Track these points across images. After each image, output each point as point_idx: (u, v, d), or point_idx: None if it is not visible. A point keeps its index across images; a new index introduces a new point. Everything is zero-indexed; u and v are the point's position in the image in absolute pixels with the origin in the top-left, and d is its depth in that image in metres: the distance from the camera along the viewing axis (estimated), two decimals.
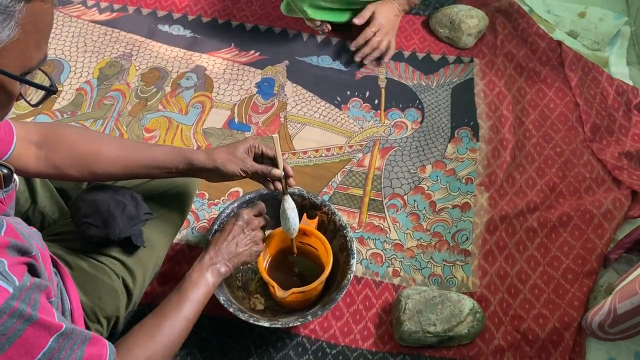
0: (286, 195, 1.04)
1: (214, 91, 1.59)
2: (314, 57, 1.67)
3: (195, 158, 0.96)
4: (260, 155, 1.01)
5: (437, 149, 1.48)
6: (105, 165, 0.91)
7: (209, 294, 0.93)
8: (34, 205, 0.99)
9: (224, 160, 0.96)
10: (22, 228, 0.62)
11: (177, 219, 1.08)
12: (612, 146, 1.46)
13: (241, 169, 0.98)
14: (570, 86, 1.58)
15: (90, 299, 0.90)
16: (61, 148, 0.88)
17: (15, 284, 0.56)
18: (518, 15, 1.73)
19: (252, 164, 0.99)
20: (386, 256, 1.29)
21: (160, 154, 0.95)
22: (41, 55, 0.57)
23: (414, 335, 1.12)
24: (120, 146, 0.94)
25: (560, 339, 1.17)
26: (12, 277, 0.56)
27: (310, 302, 1.13)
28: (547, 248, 1.30)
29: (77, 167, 0.90)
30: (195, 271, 0.94)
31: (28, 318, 0.56)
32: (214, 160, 0.96)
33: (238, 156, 0.98)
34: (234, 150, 0.98)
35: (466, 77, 1.62)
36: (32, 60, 0.56)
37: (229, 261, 0.98)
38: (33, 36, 0.54)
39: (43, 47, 0.57)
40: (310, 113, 1.55)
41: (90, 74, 1.62)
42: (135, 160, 0.93)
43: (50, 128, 0.90)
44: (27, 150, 0.86)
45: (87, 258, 0.92)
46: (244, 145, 0.99)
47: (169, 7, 1.78)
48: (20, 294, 0.56)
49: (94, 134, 0.96)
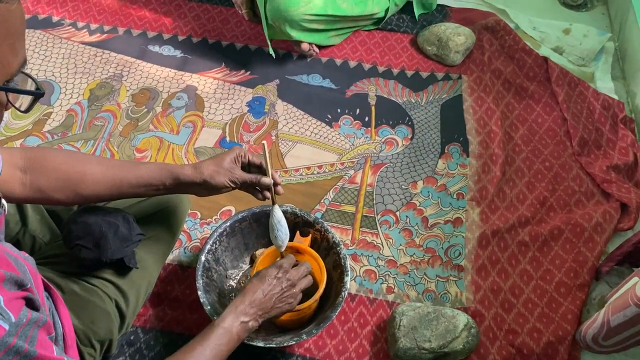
0: (275, 205, 1.03)
1: (205, 110, 1.59)
2: (304, 76, 1.68)
3: (182, 173, 0.93)
4: (248, 164, 0.99)
5: (427, 165, 1.49)
6: (90, 186, 0.88)
7: (234, 346, 0.91)
8: (25, 228, 0.98)
9: (211, 172, 0.94)
10: (14, 255, 0.61)
11: (169, 239, 1.08)
12: (600, 160, 1.48)
13: (229, 180, 0.95)
14: (558, 101, 1.61)
15: (83, 323, 0.88)
16: (46, 171, 0.86)
17: (11, 320, 0.54)
18: (504, 32, 1.76)
19: (241, 174, 0.97)
20: (380, 273, 1.29)
21: (145, 171, 0.92)
22: (20, 58, 0.55)
23: (410, 352, 1.12)
24: (105, 166, 0.91)
25: (555, 353, 1.17)
26: (8, 314, 0.54)
27: (304, 321, 1.13)
28: (540, 262, 1.31)
29: (62, 190, 0.87)
30: (225, 321, 0.90)
31: (26, 355, 0.55)
32: (201, 174, 0.93)
33: (225, 167, 0.95)
34: (220, 162, 0.96)
35: (455, 93, 1.64)
36: (11, 66, 0.54)
37: (261, 317, 0.95)
38: (6, 41, 0.53)
39: (20, 50, 0.55)
40: (301, 131, 1.55)
41: (80, 95, 1.62)
42: (120, 180, 0.90)
43: (35, 152, 0.87)
44: (12, 176, 0.84)
45: (79, 281, 0.91)
46: (230, 155, 0.97)
47: (159, 28, 1.79)
48: (17, 330, 0.55)
49: (79, 156, 0.94)
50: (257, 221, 1.21)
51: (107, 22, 1.80)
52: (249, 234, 1.22)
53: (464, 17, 1.83)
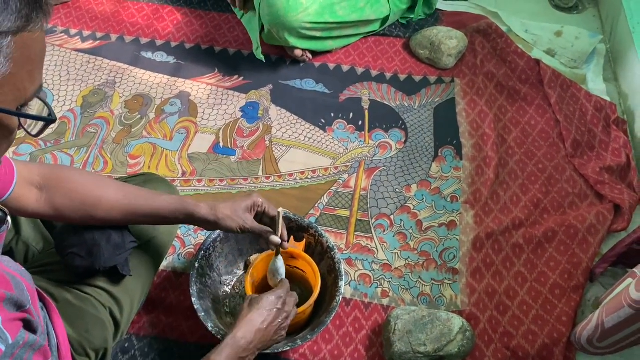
0: (278, 256, 1.06)
1: (198, 116, 1.59)
2: (297, 81, 1.69)
3: (197, 212, 0.95)
4: (263, 213, 1.02)
5: (421, 168, 1.49)
6: (105, 211, 0.91)
7: None
8: (18, 236, 0.98)
9: (225, 216, 0.97)
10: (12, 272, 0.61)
11: (163, 246, 1.07)
12: (593, 161, 1.48)
13: (240, 227, 0.98)
14: (550, 103, 1.61)
15: (77, 332, 0.88)
16: (63, 192, 0.88)
17: (8, 342, 0.54)
18: (497, 35, 1.77)
19: (252, 225, 0.99)
20: (375, 277, 1.29)
21: (162, 204, 0.94)
22: (36, 85, 0.56)
23: (405, 356, 1.12)
24: (123, 194, 0.92)
25: (550, 355, 1.17)
26: (5, 335, 0.54)
27: (299, 326, 1.13)
28: (534, 264, 1.31)
29: (77, 212, 0.89)
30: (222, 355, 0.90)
31: None
32: (215, 215, 0.96)
33: (240, 215, 0.98)
34: (237, 208, 0.98)
35: (448, 97, 1.65)
36: (27, 91, 0.54)
37: (259, 350, 0.97)
38: (25, 67, 0.53)
39: (37, 76, 0.55)
40: (295, 136, 1.55)
41: (73, 102, 1.61)
42: (135, 209, 0.93)
43: (54, 170, 0.89)
44: (28, 192, 0.85)
45: (72, 290, 0.91)
46: (247, 203, 0.99)
47: (152, 34, 1.79)
48: (13, 351, 0.54)
49: (98, 179, 0.95)
50: None
51: (99, 29, 1.80)
52: (242, 240, 1.22)
53: (456, 20, 1.83)
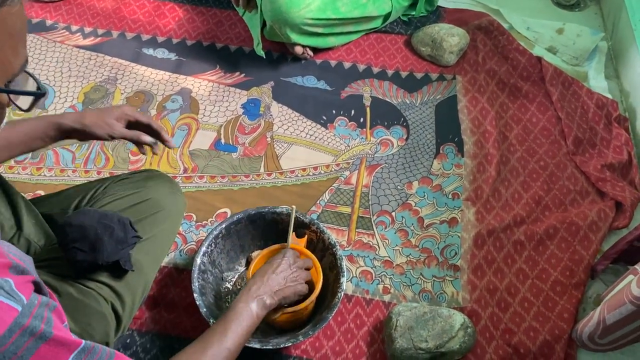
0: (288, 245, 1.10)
1: (199, 113, 1.59)
2: (298, 78, 1.69)
3: (63, 122, 0.97)
4: (136, 122, 1.04)
5: (423, 165, 1.49)
6: None
7: (254, 325, 0.93)
8: (20, 232, 0.98)
9: (92, 123, 0.99)
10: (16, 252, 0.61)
11: (165, 241, 1.07)
12: (595, 158, 1.48)
13: (108, 134, 1.00)
14: (552, 100, 1.61)
15: (79, 326, 0.88)
16: None
17: (23, 302, 0.54)
18: (498, 33, 1.76)
19: (121, 131, 1.01)
20: (376, 273, 1.29)
21: (30, 126, 0.96)
22: (21, 59, 0.55)
23: (406, 352, 1.12)
24: None
25: (551, 352, 1.17)
26: (20, 296, 0.54)
27: (301, 322, 1.13)
28: (535, 261, 1.31)
29: None
30: (241, 301, 0.93)
31: (41, 335, 0.54)
32: (81, 123, 0.98)
33: (107, 122, 1.00)
34: (104, 116, 1.00)
35: (449, 94, 1.65)
36: (12, 66, 0.54)
37: (275, 294, 0.98)
38: (7, 43, 0.53)
39: (21, 50, 0.55)
40: (296, 132, 1.55)
41: (75, 99, 1.61)
42: (7, 139, 0.94)
43: None
44: None
45: (74, 284, 0.91)
46: (115, 113, 1.02)
47: (153, 31, 1.79)
48: (31, 311, 0.54)
49: None
50: (253, 223, 1.21)
51: (101, 26, 1.80)
52: (244, 236, 1.22)
53: (458, 17, 1.83)
